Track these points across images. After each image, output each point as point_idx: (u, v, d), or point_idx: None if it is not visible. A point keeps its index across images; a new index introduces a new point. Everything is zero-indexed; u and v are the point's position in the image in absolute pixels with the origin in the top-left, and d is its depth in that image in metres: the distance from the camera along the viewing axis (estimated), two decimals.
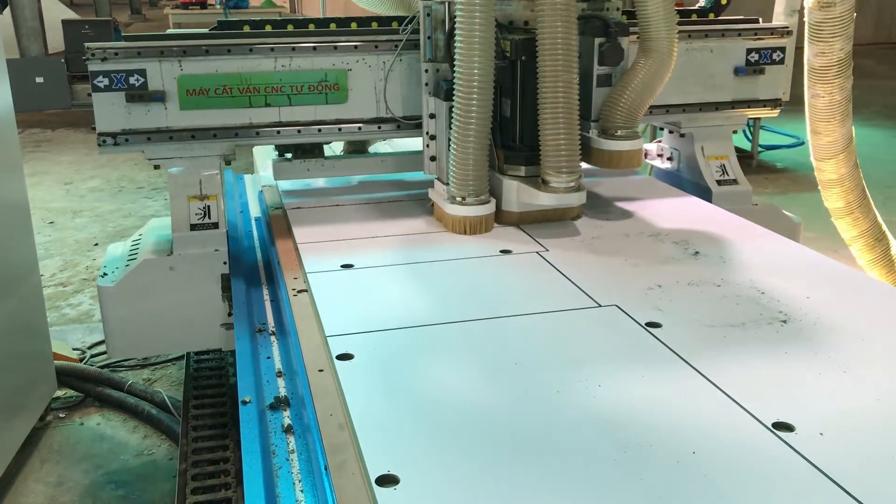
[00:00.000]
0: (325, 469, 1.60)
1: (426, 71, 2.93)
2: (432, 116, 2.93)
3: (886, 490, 1.43)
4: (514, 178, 2.86)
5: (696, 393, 1.76)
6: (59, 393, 3.90)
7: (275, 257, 2.80)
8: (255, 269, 2.92)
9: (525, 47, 2.73)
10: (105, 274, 2.95)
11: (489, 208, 2.81)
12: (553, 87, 2.66)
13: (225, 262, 2.89)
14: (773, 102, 3.51)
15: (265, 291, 2.75)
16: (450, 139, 2.75)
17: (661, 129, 3.77)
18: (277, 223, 3.07)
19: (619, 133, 2.91)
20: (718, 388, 1.77)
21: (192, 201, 2.92)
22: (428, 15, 2.88)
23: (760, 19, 3.53)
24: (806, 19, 3.43)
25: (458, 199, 2.78)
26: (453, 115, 2.70)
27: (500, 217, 2.88)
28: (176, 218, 2.90)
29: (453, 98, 2.70)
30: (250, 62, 2.89)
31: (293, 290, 2.45)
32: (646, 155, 3.89)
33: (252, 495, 1.67)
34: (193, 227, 2.90)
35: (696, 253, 2.60)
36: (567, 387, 1.79)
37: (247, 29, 3.06)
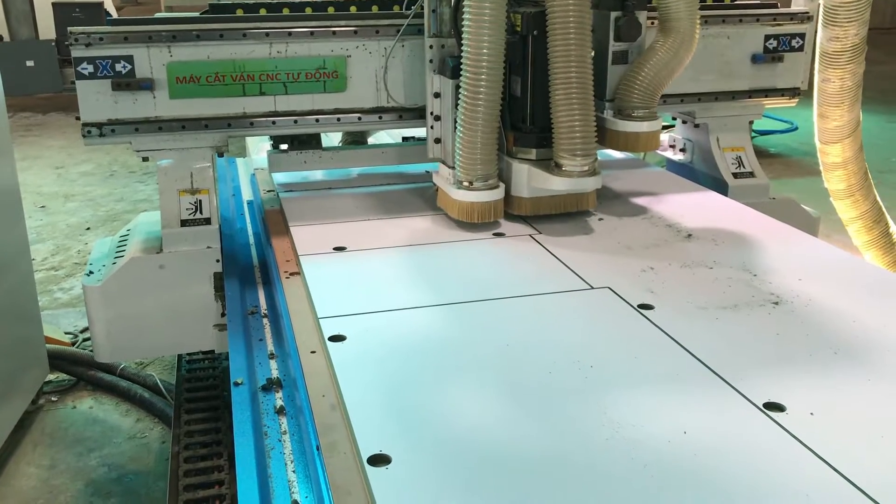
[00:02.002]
0: (317, 449, 1.60)
1: (430, 47, 2.77)
2: (437, 95, 2.77)
3: (876, 470, 1.43)
4: (524, 162, 2.71)
5: (688, 374, 1.77)
6: (51, 376, 3.89)
7: (267, 241, 2.79)
8: (249, 267, 2.82)
9: (536, 21, 2.59)
10: (91, 272, 2.82)
11: (498, 193, 2.66)
12: (565, 64, 2.53)
13: (218, 260, 2.76)
14: (792, 91, 3.41)
15: (258, 275, 2.75)
16: (456, 120, 2.62)
17: (674, 118, 3.67)
18: (270, 206, 3.06)
19: (636, 113, 2.78)
20: (710, 368, 1.77)
21: (183, 195, 2.79)
22: None
23: (779, 4, 3.43)
24: (821, 2, 3.35)
25: (465, 183, 2.62)
26: (460, 94, 2.56)
27: (510, 204, 2.73)
28: (166, 213, 2.76)
29: (460, 76, 2.57)
30: (244, 48, 2.76)
31: (285, 272, 2.45)
32: None
33: (244, 476, 1.67)
34: (184, 223, 2.76)
35: (689, 235, 2.60)
36: (559, 368, 1.79)
37: (240, 13, 2.92)
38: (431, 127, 2.83)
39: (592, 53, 2.61)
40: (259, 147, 3.83)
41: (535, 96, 2.72)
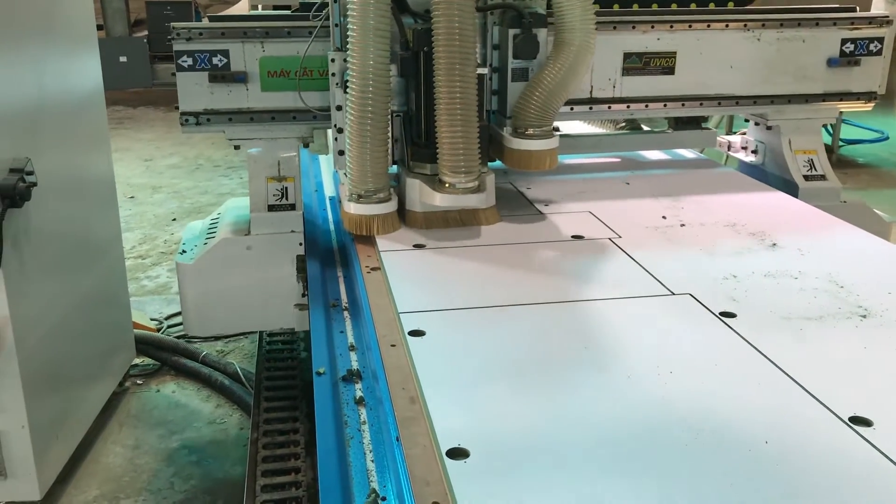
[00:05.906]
0: (397, 440, 1.64)
1: (332, 60, 2.74)
2: (339, 108, 2.75)
3: None
4: (417, 176, 2.70)
5: (770, 384, 1.74)
6: (138, 360, 4.05)
7: (349, 237, 2.85)
8: (329, 251, 2.93)
9: (426, 37, 2.56)
10: (184, 251, 3.01)
11: (388, 207, 2.65)
12: (449, 80, 2.50)
13: (301, 244, 2.92)
14: (868, 96, 3.39)
15: (339, 270, 2.81)
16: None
17: (747, 120, 3.65)
18: None
19: (529, 132, 2.77)
20: (793, 379, 1.74)
21: (271, 182, 2.96)
22: (335, 1, 2.71)
23: (858, 7, 3.40)
24: None
25: (355, 196, 2.63)
26: (348, 107, 2.56)
27: (405, 218, 2.73)
28: (254, 198, 2.95)
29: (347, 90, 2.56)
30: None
31: (366, 267, 2.50)
32: (728, 147, 3.80)
33: (325, 463, 1.71)
34: (271, 208, 2.94)
35: (774, 244, 2.56)
36: (638, 373, 1.78)
37: None
38: (335, 139, 2.83)
39: (485, 70, 2.63)
40: None
41: (428, 112, 2.68)
